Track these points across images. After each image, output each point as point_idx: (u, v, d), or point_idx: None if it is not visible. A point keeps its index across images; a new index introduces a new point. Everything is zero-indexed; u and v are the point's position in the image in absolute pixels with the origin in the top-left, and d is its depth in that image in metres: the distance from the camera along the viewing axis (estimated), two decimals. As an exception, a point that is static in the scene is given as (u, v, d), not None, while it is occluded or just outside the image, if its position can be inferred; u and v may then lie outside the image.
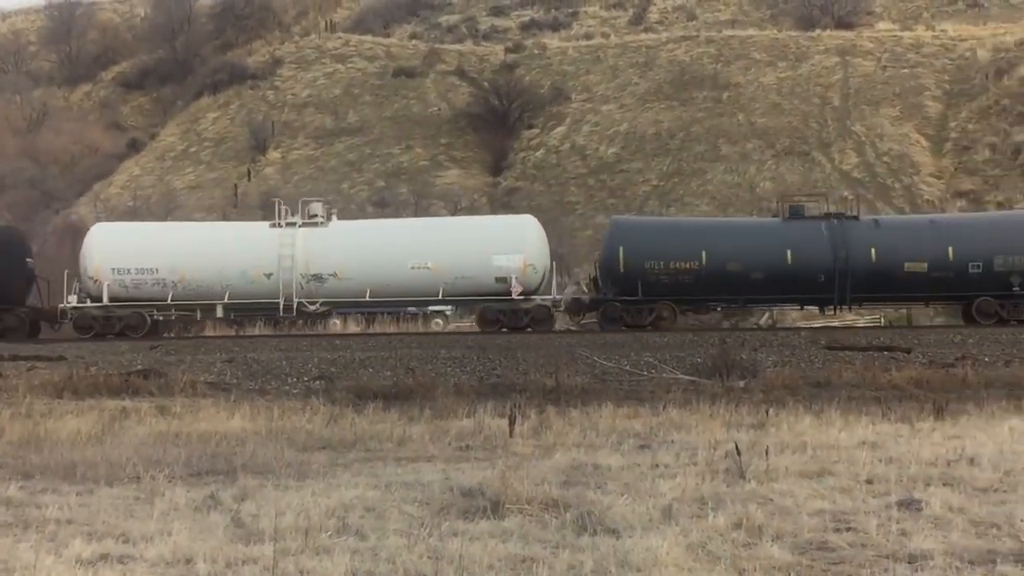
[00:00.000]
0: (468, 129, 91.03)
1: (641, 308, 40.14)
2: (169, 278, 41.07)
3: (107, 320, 41.11)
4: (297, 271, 40.83)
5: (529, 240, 41.18)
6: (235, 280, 41.02)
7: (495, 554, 11.21)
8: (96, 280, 41.09)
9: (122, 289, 41.08)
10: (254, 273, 40.98)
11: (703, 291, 40.34)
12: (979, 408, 23.11)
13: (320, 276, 40.85)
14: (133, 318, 41.05)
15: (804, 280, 39.90)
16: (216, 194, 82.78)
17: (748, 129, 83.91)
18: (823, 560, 11.11)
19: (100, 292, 41.03)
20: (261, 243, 41.45)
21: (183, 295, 41.21)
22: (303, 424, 22.35)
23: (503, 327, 40.20)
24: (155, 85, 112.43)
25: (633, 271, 40.07)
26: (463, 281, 40.49)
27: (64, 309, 41.58)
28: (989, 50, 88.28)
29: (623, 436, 20.05)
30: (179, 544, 11.69)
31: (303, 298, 40.90)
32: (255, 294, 41.20)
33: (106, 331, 40.91)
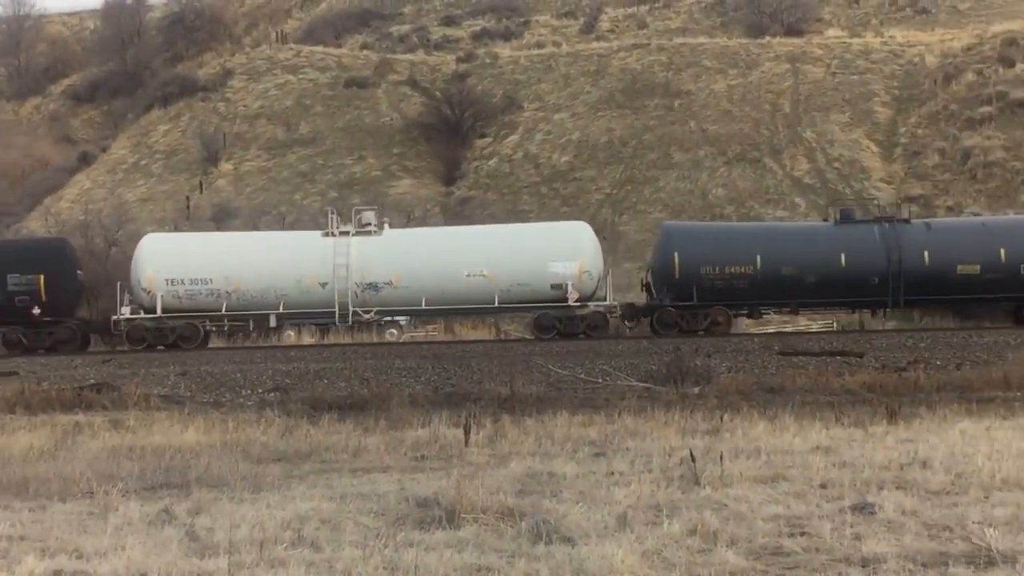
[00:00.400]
0: (421, 139, 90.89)
1: (696, 313, 40.27)
2: (223, 288, 40.78)
3: (160, 331, 40.75)
4: (352, 280, 40.62)
5: (584, 246, 41.21)
6: (290, 290, 40.78)
7: (451, 564, 11.21)
8: (149, 291, 40.75)
9: (175, 300, 40.77)
10: (309, 282, 40.77)
11: (757, 295, 40.50)
12: (931, 411, 23.28)
13: (375, 285, 40.69)
14: (186, 329, 40.79)
15: (857, 283, 40.07)
16: (168, 207, 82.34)
17: (700, 136, 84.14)
18: (777, 565, 11.15)
19: (153, 303, 40.69)
20: (316, 252, 41.22)
21: (237, 305, 40.95)
22: (258, 436, 22.29)
23: (558, 333, 40.11)
24: (105, 98, 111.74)
25: (688, 276, 40.15)
26: (519, 288, 40.43)
27: (117, 321, 41.19)
28: (937, 56, 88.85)
29: (578, 444, 20.09)
30: (133, 559, 11.63)
31: (358, 307, 40.73)
32: (310, 303, 41.02)
33: (158, 342, 40.61)
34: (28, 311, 40.55)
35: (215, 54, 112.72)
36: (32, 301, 40.50)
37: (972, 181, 74.15)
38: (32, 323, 40.72)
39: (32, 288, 40.56)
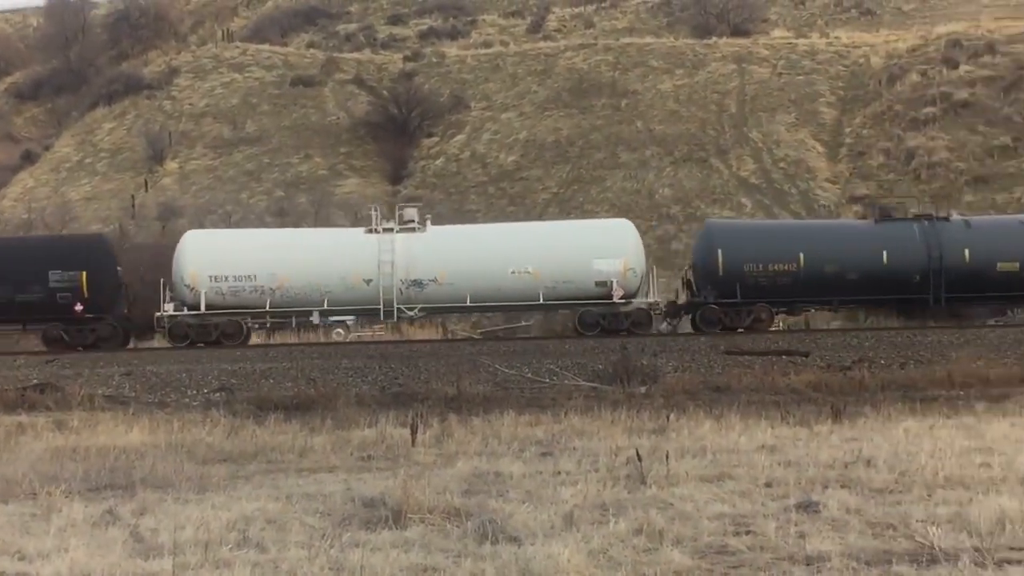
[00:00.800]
0: (367, 138, 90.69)
1: (740, 310, 40.38)
2: (267, 285, 40.40)
3: (203, 328, 40.39)
4: (397, 277, 40.33)
5: (628, 244, 41.19)
6: (334, 286, 40.44)
7: (397, 564, 11.19)
8: (193, 288, 40.36)
9: (219, 297, 40.42)
10: (354, 279, 40.47)
11: (800, 293, 40.68)
12: (876, 410, 23.44)
13: (420, 282, 40.45)
14: (230, 326, 40.39)
15: (899, 281, 40.39)
16: (113, 205, 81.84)
17: (646, 136, 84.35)
18: (723, 564, 11.20)
19: (197, 300, 40.32)
20: (360, 249, 40.93)
21: (281, 302, 40.61)
22: (203, 437, 22.19)
23: (602, 331, 40.07)
24: (49, 96, 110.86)
25: (732, 274, 40.25)
26: (564, 286, 40.34)
27: (160, 317, 40.85)
28: (882, 57, 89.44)
29: (525, 444, 20.10)
30: (76, 560, 11.54)
31: (402, 304, 40.48)
32: (354, 300, 40.89)
33: (201, 339, 40.19)
34: (71, 307, 40.16)
35: (160, 52, 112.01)
36: (74, 297, 40.13)
37: (916, 181, 74.66)
38: (74, 320, 40.33)
39: (74, 284, 40.22)
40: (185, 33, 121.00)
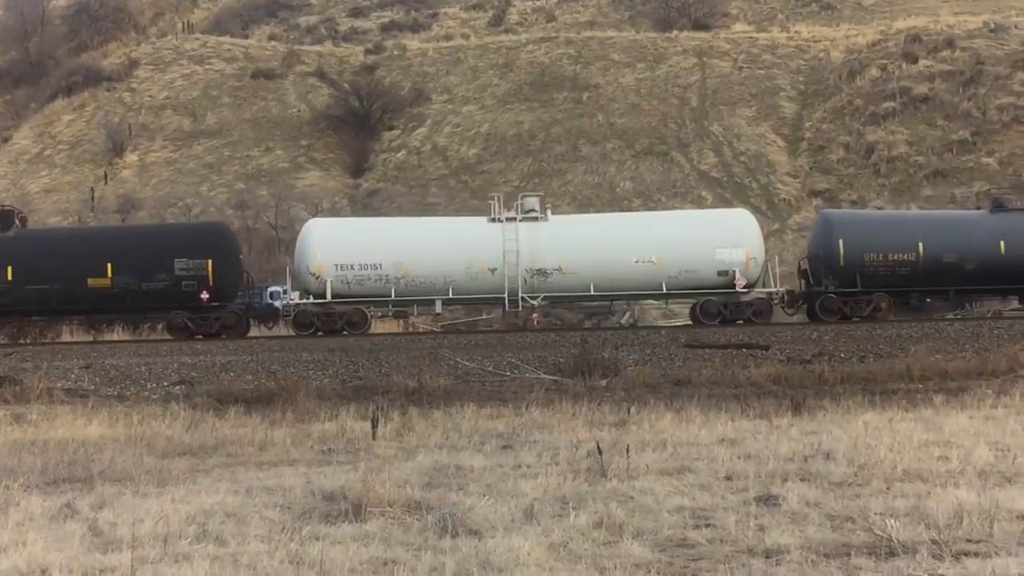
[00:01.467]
0: (328, 131, 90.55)
1: (859, 299, 40.66)
2: (392, 274, 40.32)
3: (328, 317, 40.25)
4: (522, 266, 40.33)
5: (750, 234, 41.34)
6: (459, 275, 40.42)
7: (357, 558, 11.19)
8: (318, 276, 40.30)
9: (343, 285, 40.34)
10: (479, 268, 40.37)
11: (919, 282, 41.08)
12: (835, 403, 23.51)
13: (544, 271, 40.38)
14: (355, 314, 40.25)
15: (1016, 270, 40.79)
16: (72, 197, 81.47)
17: (608, 130, 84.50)
18: (683, 557, 11.23)
19: (323, 289, 40.29)
20: (484, 238, 40.84)
21: (405, 291, 40.55)
22: (163, 430, 22.09)
23: (723, 320, 40.23)
24: (7, 88, 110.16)
25: (852, 263, 40.61)
26: (686, 275, 40.41)
27: (286, 306, 41.01)
28: (842, 51, 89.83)
29: (486, 437, 20.10)
30: (34, 554, 11.49)
31: (526, 293, 40.43)
32: (478, 289, 40.86)
33: (325, 328, 40.07)
34: (196, 295, 40.11)
35: (120, 44, 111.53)
36: (200, 286, 40.07)
37: (876, 175, 75.08)
38: (199, 308, 40.28)
39: (200, 272, 40.14)
40: (145, 25, 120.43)
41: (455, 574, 10.72)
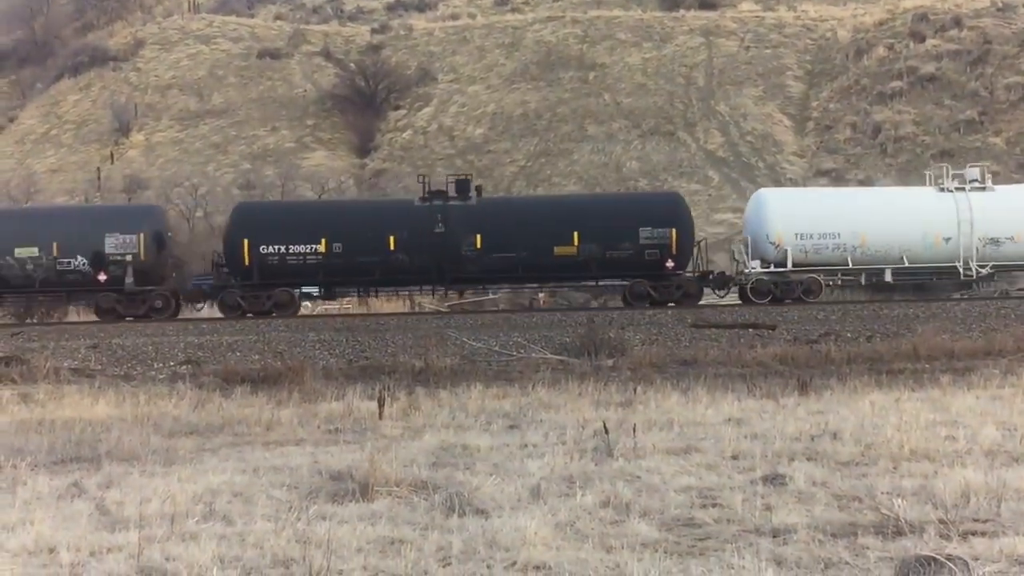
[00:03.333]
0: (334, 111, 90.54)
1: None
2: (850, 243, 41.32)
3: (787, 286, 41.41)
4: (975, 235, 41.27)
5: None
6: (914, 245, 41.46)
7: (364, 537, 11.18)
8: (778, 246, 41.26)
9: (801, 254, 41.32)
10: (934, 238, 41.46)
11: None
12: (842, 383, 23.47)
13: (997, 240, 41.38)
14: (812, 283, 41.38)
15: None
16: (79, 177, 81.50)
17: (614, 109, 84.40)
18: (689, 536, 11.22)
19: (782, 258, 41.26)
20: (937, 208, 41.88)
21: (860, 259, 41.54)
22: (170, 409, 22.09)
23: None
24: (14, 68, 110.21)
25: None
26: None
27: (744, 275, 41.90)
28: (849, 31, 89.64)
29: (492, 417, 20.08)
30: (42, 533, 11.49)
31: (978, 262, 41.45)
32: (932, 258, 41.88)
33: (785, 296, 41.21)
34: (660, 264, 40.90)
35: (126, 24, 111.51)
36: (663, 255, 40.88)
37: (882, 155, 75.04)
38: (661, 276, 41.04)
39: (664, 241, 40.90)
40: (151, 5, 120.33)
41: (462, 553, 10.71)
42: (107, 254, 40.40)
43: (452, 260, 40.56)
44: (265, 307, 40.42)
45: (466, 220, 40.82)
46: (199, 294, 42.38)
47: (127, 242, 40.45)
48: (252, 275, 40.45)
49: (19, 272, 40.43)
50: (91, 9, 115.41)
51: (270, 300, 40.47)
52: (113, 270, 40.42)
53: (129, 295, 40.43)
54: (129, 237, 40.53)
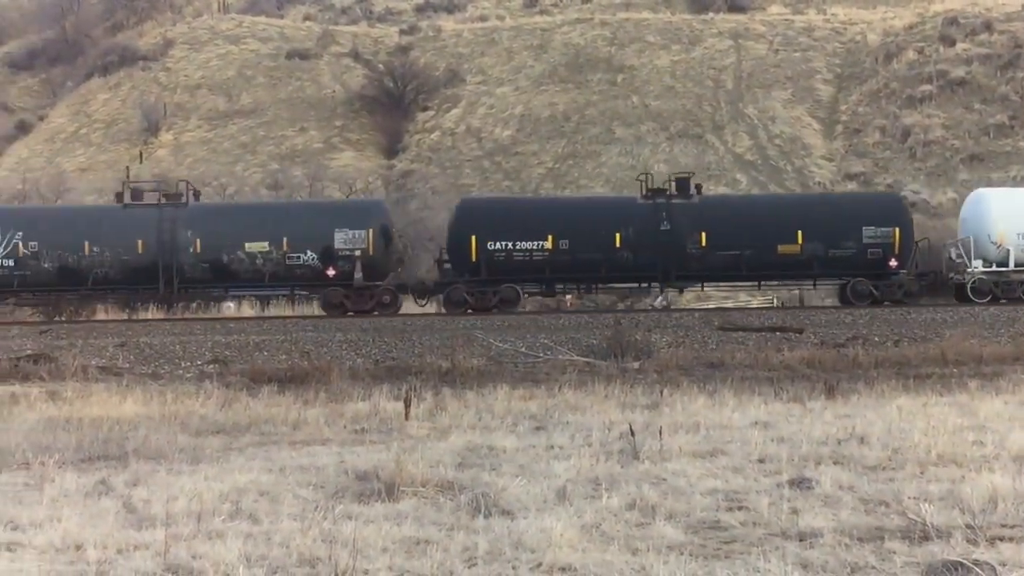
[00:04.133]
0: (363, 111, 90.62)
1: None
2: None
3: (1007, 285, 41.44)
4: None
5: None
6: None
7: (389, 537, 11.20)
8: (1000, 245, 41.42)
9: (1022, 253, 41.52)
10: None
11: None
12: (869, 387, 23.44)
13: None
14: None
15: None
16: (108, 176, 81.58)
17: (642, 112, 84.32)
18: (715, 539, 11.21)
19: (1004, 258, 41.41)
20: None
21: None
22: (197, 408, 22.17)
23: None
24: (44, 66, 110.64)
25: None
26: None
27: (965, 275, 41.84)
28: (879, 34, 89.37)
29: (518, 418, 20.09)
30: (69, 530, 11.54)
31: None
32: None
33: (1005, 296, 41.12)
34: (883, 263, 41.34)
35: (156, 23, 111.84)
36: (886, 254, 41.30)
37: (911, 159, 74.78)
38: (882, 275, 41.38)
39: (887, 241, 41.29)
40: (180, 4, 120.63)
41: (487, 554, 10.72)
42: (336, 249, 40.83)
43: (676, 258, 41.13)
44: (491, 303, 40.78)
45: (690, 218, 41.51)
46: (426, 289, 42.50)
47: (356, 237, 40.90)
48: (480, 271, 40.82)
49: (249, 266, 40.98)
50: (121, 9, 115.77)
51: (496, 296, 40.77)
52: (342, 265, 40.83)
53: (357, 290, 40.85)
54: (358, 232, 40.98)
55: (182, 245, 40.83)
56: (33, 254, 40.63)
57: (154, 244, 40.82)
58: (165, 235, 40.87)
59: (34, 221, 42.38)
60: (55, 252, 40.71)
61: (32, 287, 41.44)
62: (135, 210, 41.85)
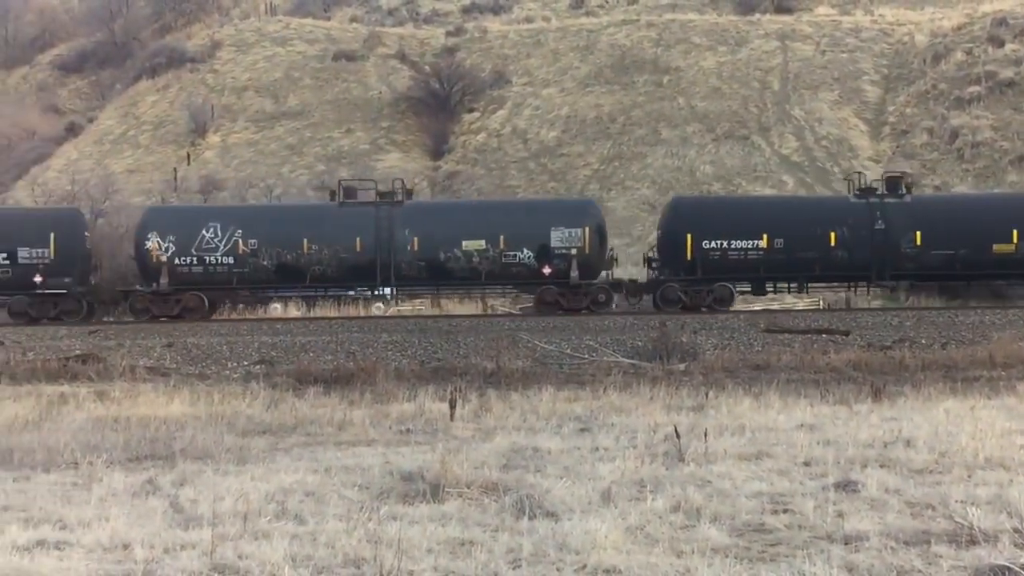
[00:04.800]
0: (409, 113, 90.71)
1: None
2: None
3: None
4: None
5: None
6: None
7: (434, 538, 11.23)
8: None
9: None
10: None
11: None
12: (916, 390, 23.32)
13: None
14: None
15: None
16: (155, 178, 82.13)
17: (688, 113, 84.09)
18: (760, 542, 11.19)
19: None
20: None
21: None
22: (243, 409, 22.28)
23: None
24: (93, 68, 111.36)
25: None
26: None
27: None
28: (926, 35, 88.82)
29: (563, 419, 20.11)
30: (117, 530, 11.63)
31: None
32: None
33: None
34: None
35: (203, 25, 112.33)
36: None
37: (959, 161, 74.25)
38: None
39: None
40: (228, 7, 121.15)
41: (532, 555, 10.74)
42: (552, 247, 41.09)
43: (891, 257, 41.29)
44: (705, 302, 41.02)
45: (904, 217, 41.58)
46: (637, 288, 42.64)
47: (572, 236, 41.25)
48: (695, 270, 41.04)
49: (464, 265, 41.36)
50: (169, 11, 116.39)
51: (711, 295, 41.01)
52: (557, 263, 41.09)
53: (573, 288, 41.00)
54: (574, 231, 41.36)
55: (400, 243, 41.24)
56: (252, 251, 40.99)
57: (372, 242, 41.18)
58: (383, 233, 41.24)
59: (254, 219, 42.92)
60: (274, 250, 41.07)
61: (250, 284, 41.89)
62: (352, 208, 42.31)
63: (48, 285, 40.99)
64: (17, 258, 41.11)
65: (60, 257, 41.20)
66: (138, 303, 41.18)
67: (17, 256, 41.12)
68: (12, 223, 43.25)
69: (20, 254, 41.13)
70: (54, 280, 41.05)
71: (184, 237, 41.03)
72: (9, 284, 41.16)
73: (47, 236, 41.37)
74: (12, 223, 43.25)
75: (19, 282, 40.94)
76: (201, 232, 41.04)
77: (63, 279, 41.17)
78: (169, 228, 41.40)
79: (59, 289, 41.19)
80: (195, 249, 40.88)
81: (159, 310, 40.86)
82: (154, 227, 41.49)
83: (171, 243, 40.94)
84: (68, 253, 41.44)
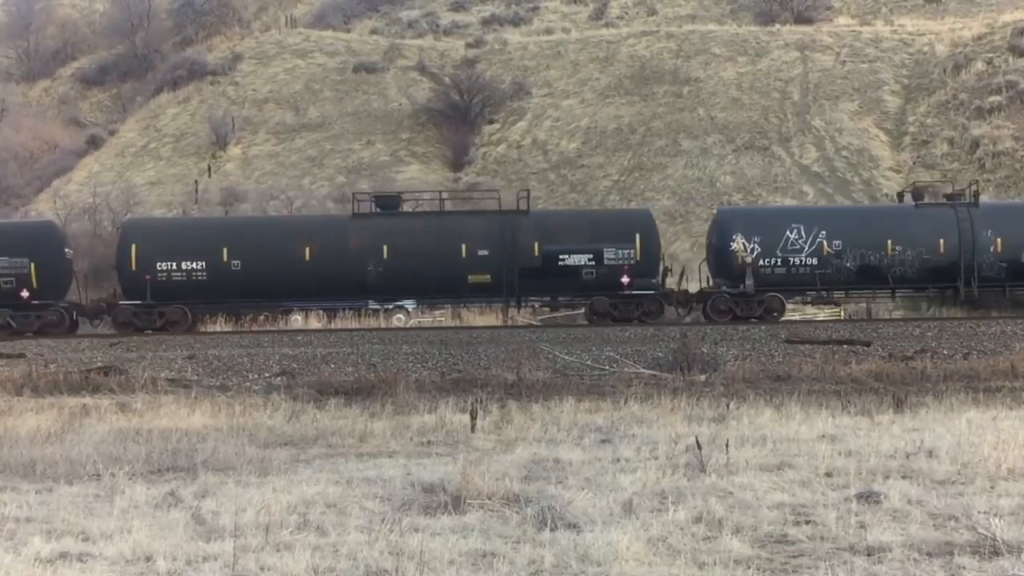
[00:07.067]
0: (429, 124, 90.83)
1: None
2: None
3: None
4: None
5: None
6: None
7: (456, 549, 11.23)
8: None
9: None
10: None
11: None
12: (938, 401, 23.27)
13: None
14: None
15: None
16: (176, 190, 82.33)
17: (708, 124, 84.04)
18: (782, 553, 11.17)
19: None
20: None
21: None
22: (264, 420, 22.32)
23: None
24: (114, 81, 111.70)
25: None
26: None
27: None
28: (947, 45, 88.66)
29: (584, 431, 20.10)
30: (139, 542, 11.65)
31: None
32: None
33: None
34: None
35: (224, 38, 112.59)
36: None
37: (980, 170, 74.01)
38: None
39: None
40: (249, 19, 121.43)
41: (554, 567, 10.73)
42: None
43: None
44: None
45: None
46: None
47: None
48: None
49: None
50: (190, 24, 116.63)
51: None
52: None
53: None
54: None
55: (982, 245, 41.26)
56: (836, 253, 41.12)
57: (955, 244, 41.24)
58: (965, 235, 41.26)
59: (837, 220, 43.13)
60: (857, 251, 41.22)
61: (831, 285, 41.93)
62: (930, 209, 42.54)
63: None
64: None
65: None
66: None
67: None
68: None
69: None
70: None
71: (769, 239, 41.30)
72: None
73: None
74: None
75: None
76: (785, 233, 41.31)
77: None
78: (753, 230, 41.67)
79: None
80: (779, 251, 41.13)
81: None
82: (739, 228, 41.67)
83: (756, 244, 41.09)
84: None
